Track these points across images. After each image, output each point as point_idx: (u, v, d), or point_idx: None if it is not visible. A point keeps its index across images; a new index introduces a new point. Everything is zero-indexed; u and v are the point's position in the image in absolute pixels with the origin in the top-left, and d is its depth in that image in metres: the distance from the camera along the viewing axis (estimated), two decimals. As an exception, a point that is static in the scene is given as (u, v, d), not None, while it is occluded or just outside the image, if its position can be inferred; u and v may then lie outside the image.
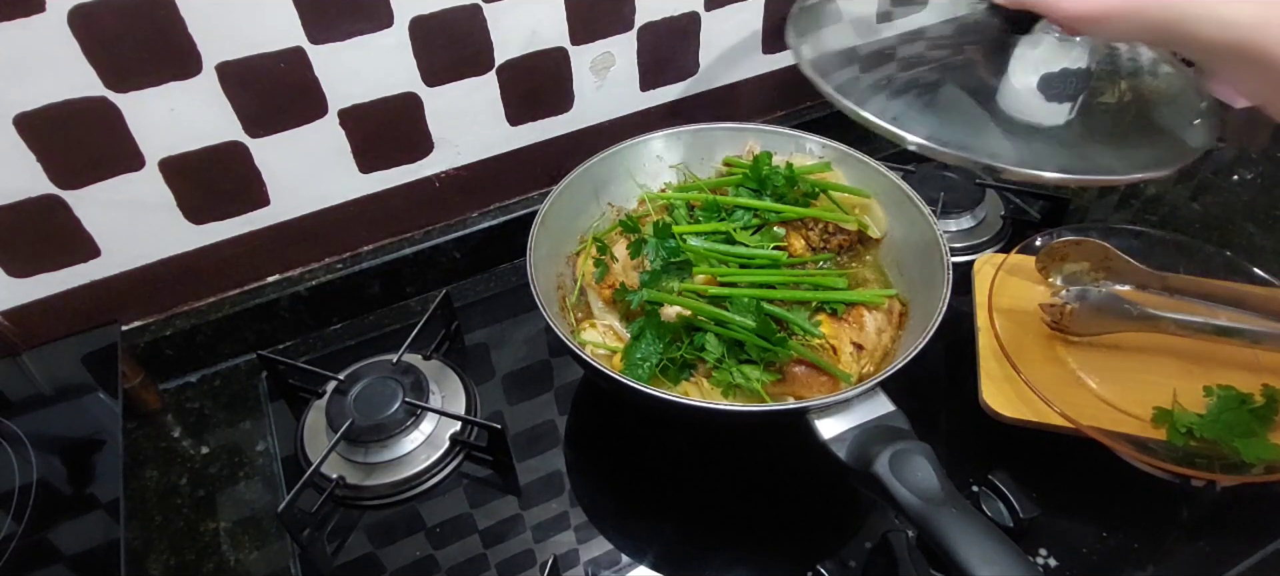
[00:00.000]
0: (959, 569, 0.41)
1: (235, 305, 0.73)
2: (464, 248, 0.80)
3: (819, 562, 0.54)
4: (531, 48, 0.72)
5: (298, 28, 0.61)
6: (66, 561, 0.53)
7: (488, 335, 0.76)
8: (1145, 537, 0.57)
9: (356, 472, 0.62)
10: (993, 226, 0.81)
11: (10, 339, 0.66)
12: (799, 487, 0.62)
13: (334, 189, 0.72)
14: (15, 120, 0.57)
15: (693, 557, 0.59)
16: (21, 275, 0.64)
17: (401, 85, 0.69)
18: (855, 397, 0.51)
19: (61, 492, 0.58)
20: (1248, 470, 0.54)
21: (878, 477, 0.45)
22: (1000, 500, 0.56)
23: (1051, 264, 0.69)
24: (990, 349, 0.64)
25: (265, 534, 0.60)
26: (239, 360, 0.74)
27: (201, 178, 0.65)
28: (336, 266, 0.76)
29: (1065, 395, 0.60)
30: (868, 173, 0.68)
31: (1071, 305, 0.66)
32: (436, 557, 0.58)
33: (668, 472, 0.64)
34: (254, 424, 0.68)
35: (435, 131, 0.73)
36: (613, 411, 0.69)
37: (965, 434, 0.64)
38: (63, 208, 0.62)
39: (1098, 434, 0.56)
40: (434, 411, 0.64)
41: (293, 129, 0.66)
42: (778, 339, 0.56)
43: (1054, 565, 0.56)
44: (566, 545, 0.59)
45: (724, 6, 0.78)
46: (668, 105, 0.83)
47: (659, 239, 0.62)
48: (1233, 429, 0.57)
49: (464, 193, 0.79)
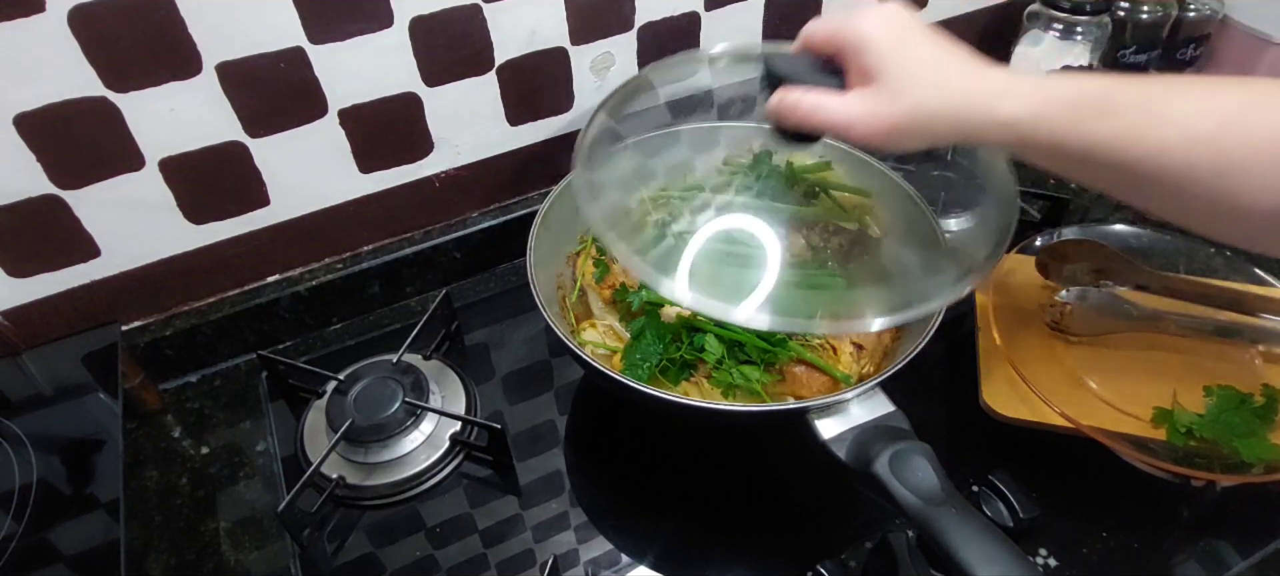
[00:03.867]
0: (959, 569, 0.41)
1: (235, 305, 0.73)
2: (464, 248, 0.80)
3: (819, 562, 0.54)
4: (531, 48, 0.72)
5: (298, 28, 0.61)
6: (66, 561, 0.53)
7: (488, 335, 0.76)
8: (1145, 537, 0.57)
9: (356, 472, 0.62)
10: (993, 226, 0.81)
11: (10, 339, 0.66)
12: (799, 487, 0.62)
13: (334, 189, 0.72)
14: (15, 120, 0.57)
15: (693, 557, 0.59)
16: (21, 275, 0.64)
17: (401, 85, 0.69)
18: (855, 397, 0.51)
19: (61, 492, 0.58)
20: (1248, 470, 0.54)
21: (878, 477, 0.45)
22: (1000, 500, 0.56)
23: (1051, 264, 0.69)
24: (990, 349, 0.64)
25: (265, 534, 0.60)
26: (239, 360, 0.74)
27: (201, 178, 0.65)
28: (336, 266, 0.76)
29: (1065, 395, 0.60)
30: (868, 172, 0.68)
31: (1071, 305, 0.66)
32: (436, 557, 0.58)
33: (668, 472, 0.64)
34: (254, 424, 0.68)
35: (435, 131, 0.73)
36: (613, 411, 0.69)
37: (965, 434, 0.64)
38: (63, 208, 0.62)
39: (1098, 434, 0.56)
40: (434, 411, 0.64)
41: (293, 129, 0.66)
42: (778, 339, 0.56)
43: (1054, 565, 0.56)
44: (566, 545, 0.59)
45: (724, 6, 0.78)
46: (668, 105, 0.83)
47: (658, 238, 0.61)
48: (1233, 429, 0.57)
49: (464, 193, 0.79)
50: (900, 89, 0.45)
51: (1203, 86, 0.41)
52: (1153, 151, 0.40)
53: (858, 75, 0.47)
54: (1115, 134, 0.41)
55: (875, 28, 0.46)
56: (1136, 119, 0.41)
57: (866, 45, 0.46)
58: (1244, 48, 0.93)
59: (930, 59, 0.46)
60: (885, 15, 0.47)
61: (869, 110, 0.46)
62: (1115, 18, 0.88)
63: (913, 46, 0.46)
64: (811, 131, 0.50)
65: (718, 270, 0.54)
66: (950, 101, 0.45)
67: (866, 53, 0.46)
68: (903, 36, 0.46)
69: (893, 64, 0.45)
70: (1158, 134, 0.40)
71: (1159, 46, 0.92)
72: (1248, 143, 0.39)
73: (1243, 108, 0.39)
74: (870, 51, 0.46)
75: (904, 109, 0.45)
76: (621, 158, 0.63)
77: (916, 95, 0.45)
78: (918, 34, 0.46)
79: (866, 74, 0.46)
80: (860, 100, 0.46)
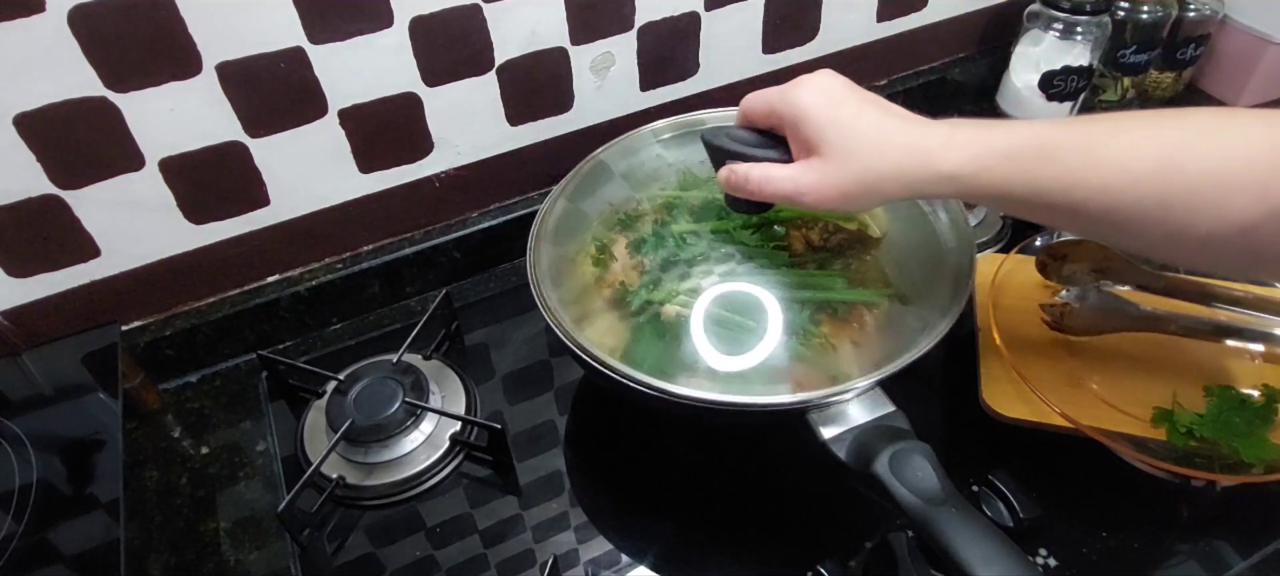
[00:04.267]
0: (959, 569, 0.41)
1: (235, 305, 0.73)
2: (464, 248, 0.80)
3: (819, 562, 0.54)
4: (531, 48, 0.72)
5: (298, 28, 0.61)
6: (66, 561, 0.53)
7: (488, 335, 0.76)
8: (1145, 537, 0.57)
9: (356, 472, 0.62)
10: (993, 226, 0.81)
11: (10, 339, 0.66)
12: (799, 487, 0.62)
13: (334, 189, 0.72)
14: (15, 120, 0.57)
15: (693, 557, 0.59)
16: (21, 275, 0.64)
17: (401, 85, 0.69)
18: (855, 397, 0.51)
19: (61, 492, 0.58)
20: (1248, 470, 0.54)
21: (878, 477, 0.45)
22: (1000, 500, 0.56)
23: (1051, 264, 0.69)
24: (990, 349, 0.64)
25: (265, 534, 0.60)
26: (239, 360, 0.74)
27: (201, 178, 0.65)
28: (336, 266, 0.76)
29: (1065, 395, 0.60)
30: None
31: (1071, 305, 0.66)
32: (436, 557, 0.58)
33: (668, 473, 0.64)
34: (254, 424, 0.68)
35: (435, 131, 0.73)
36: (613, 411, 0.69)
37: (965, 434, 0.64)
38: (63, 208, 0.62)
39: (1098, 434, 0.56)
40: (434, 411, 0.64)
41: (293, 129, 0.66)
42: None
43: (1054, 565, 0.56)
44: (566, 545, 0.59)
45: (724, 6, 0.78)
46: (668, 105, 0.83)
47: (658, 238, 0.61)
48: (1233, 429, 0.57)
49: (464, 193, 0.79)
50: (845, 156, 0.47)
51: (1141, 123, 0.42)
52: (1097, 191, 0.42)
53: (801, 147, 0.49)
54: (1057, 178, 0.42)
55: (812, 100, 0.48)
56: (1075, 162, 0.42)
57: (805, 118, 0.48)
58: (1244, 48, 0.93)
59: (868, 123, 0.47)
60: (819, 85, 0.49)
61: (817, 179, 0.47)
62: (1115, 18, 0.88)
63: (850, 115, 0.47)
64: (763, 201, 0.52)
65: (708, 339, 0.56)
66: (893, 161, 0.46)
67: (805, 125, 0.48)
68: (839, 105, 0.47)
69: (832, 134, 0.47)
70: (1099, 175, 0.41)
71: (1159, 46, 0.92)
72: (1188, 176, 0.40)
73: (1180, 142, 0.40)
74: (809, 123, 0.47)
75: (851, 174, 0.47)
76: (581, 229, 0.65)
77: (861, 161, 0.46)
78: (853, 100, 0.48)
79: (809, 145, 0.48)
80: (808, 170, 0.48)
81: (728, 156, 0.52)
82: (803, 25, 0.85)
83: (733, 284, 0.59)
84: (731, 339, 0.56)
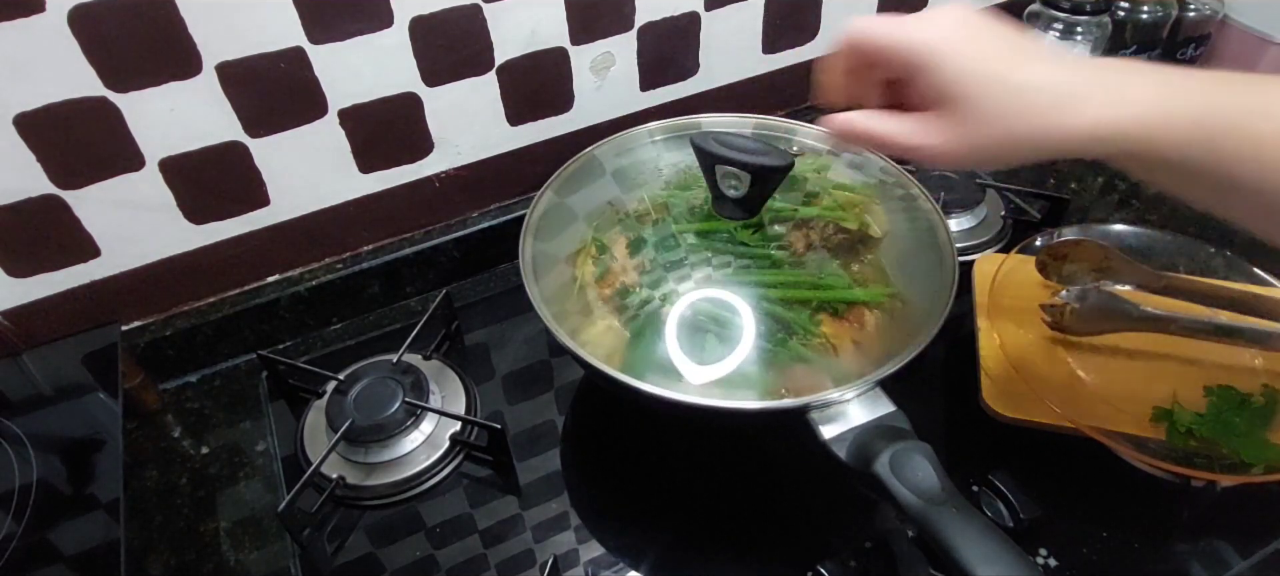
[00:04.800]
0: (959, 569, 0.41)
1: (235, 305, 0.73)
2: (464, 248, 0.80)
3: (819, 562, 0.54)
4: (531, 48, 0.72)
5: (298, 28, 0.61)
6: (66, 561, 0.53)
7: (488, 335, 0.76)
8: (1145, 537, 0.57)
9: (356, 472, 0.62)
10: (993, 226, 0.81)
11: (10, 339, 0.66)
12: (799, 487, 0.62)
13: (334, 189, 0.72)
14: (15, 120, 0.57)
15: (693, 557, 0.59)
16: (21, 275, 0.64)
17: (401, 85, 0.69)
18: (855, 397, 0.51)
19: (61, 492, 0.58)
20: (1248, 470, 0.54)
21: (878, 477, 0.45)
22: (1000, 500, 0.56)
23: (1051, 264, 0.69)
24: (990, 349, 0.64)
25: (265, 534, 0.60)
26: (239, 360, 0.74)
27: (201, 178, 0.65)
28: (336, 266, 0.76)
29: (1065, 395, 0.60)
30: (869, 170, 0.68)
31: (1071, 305, 0.66)
32: (436, 557, 0.58)
33: (668, 473, 0.64)
34: (254, 424, 0.68)
35: (435, 131, 0.73)
36: (613, 411, 0.69)
37: (965, 434, 0.64)
38: (63, 208, 0.62)
39: (1098, 434, 0.56)
40: (434, 411, 0.64)
41: (293, 129, 0.66)
42: (778, 339, 0.56)
43: (1054, 565, 0.56)
44: (566, 545, 0.59)
45: (724, 6, 0.78)
46: (668, 105, 0.83)
47: (659, 238, 0.61)
48: (1233, 429, 0.57)
49: (464, 193, 0.79)
50: (984, 117, 0.38)
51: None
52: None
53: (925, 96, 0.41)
54: (1255, 156, 0.35)
55: (947, 42, 0.39)
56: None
57: (936, 64, 0.39)
58: (1244, 47, 0.93)
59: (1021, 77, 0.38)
60: (956, 20, 0.40)
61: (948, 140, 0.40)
62: (1115, 18, 0.88)
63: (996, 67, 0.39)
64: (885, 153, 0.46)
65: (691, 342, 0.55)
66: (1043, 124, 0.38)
67: (935, 71, 0.39)
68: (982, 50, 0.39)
69: (973, 88, 0.38)
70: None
71: (1159, 46, 0.92)
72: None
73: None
74: (941, 71, 0.39)
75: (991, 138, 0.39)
76: (570, 229, 0.65)
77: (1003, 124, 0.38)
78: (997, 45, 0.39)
79: (938, 96, 0.40)
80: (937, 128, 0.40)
81: (717, 161, 0.52)
82: (803, 25, 0.85)
83: (733, 284, 0.59)
84: (732, 339, 0.56)
